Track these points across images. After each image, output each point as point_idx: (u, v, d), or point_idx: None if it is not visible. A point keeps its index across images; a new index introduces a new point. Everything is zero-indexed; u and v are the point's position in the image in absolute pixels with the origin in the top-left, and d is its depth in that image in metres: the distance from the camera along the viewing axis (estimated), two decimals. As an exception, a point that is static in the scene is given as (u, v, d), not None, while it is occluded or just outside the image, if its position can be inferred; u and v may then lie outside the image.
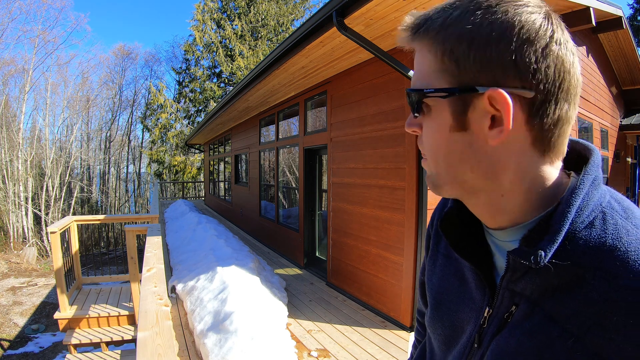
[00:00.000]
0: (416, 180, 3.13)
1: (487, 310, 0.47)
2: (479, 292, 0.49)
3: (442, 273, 0.58)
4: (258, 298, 3.49)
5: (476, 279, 0.49)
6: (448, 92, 0.41)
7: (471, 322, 0.49)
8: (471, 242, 0.51)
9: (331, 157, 4.43)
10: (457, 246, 0.51)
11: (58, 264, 4.04)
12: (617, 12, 4.47)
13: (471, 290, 0.51)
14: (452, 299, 0.54)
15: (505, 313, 0.44)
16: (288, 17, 18.41)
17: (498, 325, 0.45)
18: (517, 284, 0.43)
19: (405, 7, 2.48)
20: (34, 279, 12.87)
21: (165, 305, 1.74)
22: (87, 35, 46.57)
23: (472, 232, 0.52)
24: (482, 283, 0.48)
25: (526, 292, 0.42)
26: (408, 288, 3.23)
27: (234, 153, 9.64)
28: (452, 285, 0.55)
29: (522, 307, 0.42)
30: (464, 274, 0.53)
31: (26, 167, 18.72)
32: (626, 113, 8.07)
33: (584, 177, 0.41)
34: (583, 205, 0.40)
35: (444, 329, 0.55)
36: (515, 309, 0.43)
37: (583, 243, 0.38)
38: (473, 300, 0.50)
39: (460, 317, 0.52)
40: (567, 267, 0.38)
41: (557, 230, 0.38)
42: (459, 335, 0.51)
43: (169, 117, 18.61)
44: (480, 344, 0.47)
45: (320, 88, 4.69)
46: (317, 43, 3.21)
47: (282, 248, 6.27)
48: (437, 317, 0.56)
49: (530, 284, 0.41)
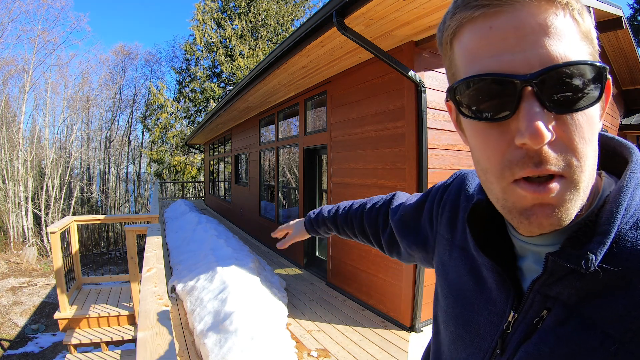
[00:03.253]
0: (416, 180, 3.13)
1: (512, 315, 0.43)
2: (501, 295, 0.45)
3: (457, 267, 0.54)
4: (258, 298, 3.49)
5: (498, 279, 0.45)
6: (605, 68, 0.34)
7: (491, 326, 0.45)
8: (495, 240, 0.47)
9: (331, 157, 4.43)
10: (481, 243, 0.47)
11: (58, 264, 4.04)
12: (617, 12, 4.47)
13: (490, 291, 0.46)
14: (468, 297, 0.50)
15: (535, 318, 0.40)
16: (288, 17, 18.40)
17: (526, 331, 0.41)
18: (553, 288, 0.39)
19: (405, 7, 2.48)
20: (34, 279, 12.87)
21: (165, 305, 1.73)
22: (87, 35, 46.65)
23: (496, 230, 0.48)
24: (507, 285, 0.44)
25: (562, 296, 0.38)
26: (408, 288, 3.23)
27: (234, 153, 9.65)
28: (467, 282, 0.51)
29: (556, 311, 0.38)
30: (481, 272, 0.48)
31: (26, 167, 18.72)
32: (626, 113, 8.07)
33: (631, 176, 0.38)
34: (628, 206, 0.36)
35: (457, 327, 0.51)
36: (547, 314, 0.39)
37: (630, 245, 0.35)
38: (493, 302, 0.46)
39: (477, 318, 0.47)
40: (614, 271, 0.35)
41: (607, 232, 0.35)
42: (473, 338, 0.48)
43: (169, 117, 18.61)
44: (503, 351, 0.43)
45: (320, 88, 4.69)
46: (317, 43, 3.21)
47: (282, 248, 6.26)
48: (453, 313, 0.52)
49: (568, 288, 0.38)
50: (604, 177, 0.41)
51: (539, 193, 0.34)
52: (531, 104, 0.33)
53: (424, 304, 3.23)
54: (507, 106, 0.34)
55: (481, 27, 0.35)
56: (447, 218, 0.59)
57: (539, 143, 0.32)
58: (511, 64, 0.34)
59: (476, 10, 0.35)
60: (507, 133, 0.35)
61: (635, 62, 6.56)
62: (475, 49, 0.36)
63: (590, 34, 0.35)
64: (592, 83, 0.33)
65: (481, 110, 0.36)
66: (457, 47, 0.39)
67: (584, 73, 0.33)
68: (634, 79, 7.38)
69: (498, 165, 0.36)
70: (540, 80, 0.33)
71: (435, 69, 3.22)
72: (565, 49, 0.33)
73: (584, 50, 0.34)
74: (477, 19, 0.36)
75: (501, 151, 0.36)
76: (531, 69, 0.33)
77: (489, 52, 0.35)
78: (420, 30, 2.91)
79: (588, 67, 0.33)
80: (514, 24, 0.33)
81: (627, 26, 4.98)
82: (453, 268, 0.54)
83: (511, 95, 0.34)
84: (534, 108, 0.33)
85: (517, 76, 0.33)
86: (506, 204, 0.38)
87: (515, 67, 0.33)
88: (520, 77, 0.33)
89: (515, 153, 0.35)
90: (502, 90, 0.34)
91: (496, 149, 0.36)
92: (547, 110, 0.33)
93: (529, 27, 0.33)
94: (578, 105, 0.33)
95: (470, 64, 0.37)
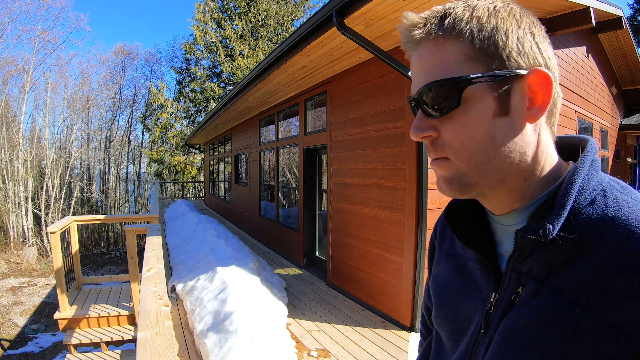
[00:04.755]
0: (416, 180, 3.13)
1: (494, 296, 0.47)
2: (485, 280, 0.50)
3: (445, 272, 0.59)
4: (258, 298, 3.49)
5: (481, 267, 0.50)
6: (496, 76, 0.42)
7: (478, 311, 0.50)
8: (475, 232, 0.53)
9: (331, 157, 4.43)
10: (462, 236, 0.53)
11: (58, 264, 4.04)
12: (617, 12, 4.47)
13: (476, 280, 0.52)
14: (455, 293, 0.55)
15: (512, 295, 0.45)
16: (288, 17, 18.41)
17: (505, 307, 0.45)
18: (524, 264, 0.44)
19: (405, 7, 2.48)
20: (34, 279, 12.87)
21: (165, 305, 1.73)
22: (87, 35, 46.67)
23: (475, 223, 0.54)
24: (488, 271, 0.49)
25: (533, 270, 0.43)
26: (408, 288, 3.23)
27: (234, 153, 9.65)
28: (455, 281, 0.56)
29: (529, 286, 0.43)
30: (468, 267, 0.54)
31: (26, 167, 18.72)
32: (626, 113, 8.07)
33: (584, 158, 0.44)
34: (584, 184, 0.42)
35: (449, 323, 0.56)
36: (522, 289, 0.44)
37: (586, 217, 0.41)
38: (479, 289, 0.51)
39: (465, 309, 0.52)
40: (573, 240, 0.40)
41: (563, 205, 0.41)
42: (466, 327, 0.52)
43: (169, 117, 18.61)
44: (487, 330, 0.47)
45: (320, 88, 4.69)
46: (317, 43, 3.21)
47: (282, 248, 6.27)
48: (442, 313, 0.57)
49: (537, 262, 0.43)
50: (570, 164, 0.48)
51: (434, 166, 0.48)
52: (418, 114, 0.47)
53: (424, 304, 3.23)
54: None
55: (412, 61, 0.48)
56: (439, 238, 0.66)
57: (414, 138, 0.47)
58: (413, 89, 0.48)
59: (406, 49, 0.49)
60: None
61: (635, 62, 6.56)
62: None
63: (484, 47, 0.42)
64: (450, 93, 0.43)
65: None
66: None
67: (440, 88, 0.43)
68: (634, 79, 7.38)
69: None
70: (420, 98, 0.46)
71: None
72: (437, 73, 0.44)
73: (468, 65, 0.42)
74: (411, 55, 0.49)
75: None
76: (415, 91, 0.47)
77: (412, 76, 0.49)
78: (420, 30, 2.90)
79: (440, 83, 0.43)
80: (415, 60, 0.47)
81: (627, 26, 4.98)
82: (442, 275, 0.60)
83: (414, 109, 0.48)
84: (418, 115, 0.47)
85: (410, 97, 0.48)
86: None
87: (413, 91, 0.47)
88: (410, 98, 0.48)
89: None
90: (412, 106, 0.50)
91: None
92: (427, 116, 0.46)
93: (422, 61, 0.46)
94: (442, 111, 0.44)
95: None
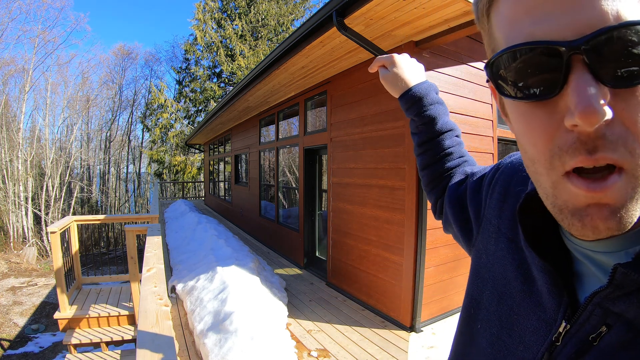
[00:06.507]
0: (416, 180, 3.13)
1: (564, 326, 0.36)
2: (553, 301, 0.38)
3: (503, 260, 0.46)
4: (258, 298, 3.49)
5: (550, 282, 0.38)
6: None
7: (537, 335, 0.39)
8: (548, 237, 0.41)
9: (331, 157, 4.43)
10: (532, 239, 0.41)
11: (58, 264, 4.04)
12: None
13: (540, 294, 0.40)
14: (515, 298, 0.43)
15: (592, 334, 0.34)
16: (288, 17, 18.41)
17: (579, 347, 0.35)
18: (617, 304, 0.32)
19: (405, 7, 2.48)
20: (34, 279, 12.87)
21: (165, 305, 1.74)
22: (87, 35, 46.73)
23: (551, 226, 0.41)
24: (560, 290, 0.38)
25: (628, 314, 0.32)
26: (408, 288, 3.23)
27: (234, 153, 9.65)
28: (514, 280, 0.44)
29: (619, 331, 0.32)
30: (531, 270, 0.42)
31: (26, 167, 18.72)
32: None
33: None
34: None
35: (500, 330, 0.44)
36: (606, 331, 0.33)
37: None
38: (542, 307, 0.39)
39: (522, 323, 0.41)
40: None
41: None
42: (516, 346, 0.42)
43: (169, 117, 18.62)
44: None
45: (320, 88, 4.69)
46: (317, 43, 3.21)
47: (282, 248, 6.27)
48: (497, 313, 0.45)
49: (636, 307, 0.31)
50: None
51: (594, 191, 0.28)
52: (582, 76, 0.27)
53: (424, 304, 3.23)
54: (554, 81, 0.28)
55: None
56: (496, 200, 0.51)
57: (592, 123, 0.26)
58: (556, 29, 0.28)
59: None
60: (556, 113, 0.29)
61: (636, 62, 6.55)
62: (513, 16, 0.31)
63: None
64: None
65: (523, 88, 0.31)
66: (494, 17, 0.34)
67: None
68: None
69: (546, 153, 0.31)
70: (592, 47, 0.26)
71: (435, 69, 3.22)
72: (622, 6, 0.26)
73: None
74: None
75: (549, 136, 0.30)
76: (580, 33, 0.27)
77: (528, 17, 0.29)
78: (420, 30, 2.91)
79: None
80: None
81: (627, 26, 4.98)
82: (499, 260, 0.47)
83: (557, 67, 0.28)
84: (586, 81, 0.27)
85: (562, 43, 0.27)
86: (557, 202, 0.32)
87: (561, 33, 0.28)
88: (567, 44, 0.27)
89: (565, 137, 0.29)
90: (546, 62, 0.28)
91: (543, 133, 0.30)
92: (602, 83, 0.27)
93: None
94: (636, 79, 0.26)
95: (508, 34, 0.32)
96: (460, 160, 0.72)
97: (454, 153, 0.72)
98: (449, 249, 3.41)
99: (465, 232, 0.61)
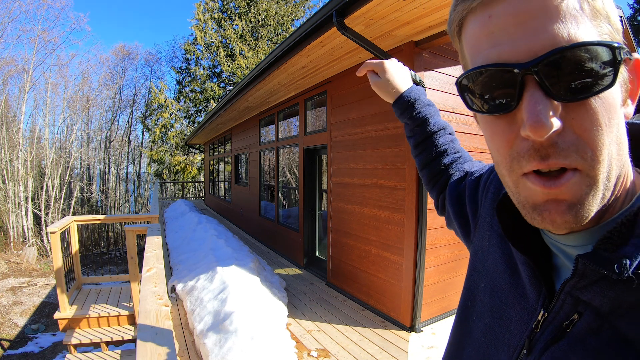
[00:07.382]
0: (416, 180, 3.13)
1: (542, 314, 0.40)
2: (534, 291, 0.42)
3: (495, 255, 0.50)
4: (258, 298, 3.49)
5: (530, 274, 0.42)
6: (624, 50, 0.30)
7: (521, 322, 0.43)
8: (528, 232, 0.44)
9: (331, 157, 4.43)
10: (511, 235, 0.43)
11: (58, 264, 4.03)
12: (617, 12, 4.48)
13: (524, 285, 0.43)
14: (504, 290, 0.47)
15: (565, 321, 0.37)
16: (288, 17, 18.41)
17: (554, 333, 0.38)
18: (584, 292, 0.35)
19: (405, 7, 2.48)
20: (34, 279, 12.87)
21: (165, 305, 1.74)
22: (87, 35, 46.66)
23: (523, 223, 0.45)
24: (539, 281, 0.41)
25: (594, 302, 0.34)
26: (408, 288, 3.23)
27: (234, 153, 9.65)
28: (503, 273, 0.47)
29: (587, 318, 0.35)
30: (516, 264, 0.45)
31: (26, 167, 18.72)
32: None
33: None
34: None
35: (492, 320, 0.47)
36: (577, 319, 0.36)
37: None
38: (526, 297, 0.43)
39: (509, 312, 0.45)
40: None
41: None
42: (504, 333, 0.45)
43: (169, 117, 18.62)
44: (530, 351, 0.40)
45: (320, 88, 4.69)
46: (317, 43, 3.21)
47: (282, 248, 6.27)
48: (490, 304, 0.48)
49: (600, 295, 0.34)
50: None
51: (549, 187, 0.32)
52: (533, 94, 0.31)
53: (424, 304, 3.24)
54: (511, 97, 0.33)
55: (481, 17, 0.34)
56: (490, 200, 0.54)
57: (541, 135, 0.30)
58: (513, 52, 0.31)
59: (474, 0, 0.34)
60: (514, 124, 0.33)
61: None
62: (477, 41, 0.35)
63: (604, 10, 0.32)
64: (603, 65, 0.30)
65: (486, 103, 0.35)
66: (463, 39, 0.38)
67: (593, 55, 0.29)
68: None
69: (507, 157, 0.35)
70: (544, 67, 0.30)
71: (435, 69, 3.22)
72: (570, 30, 0.30)
73: (596, 30, 0.31)
74: (476, 9, 0.34)
75: (509, 143, 0.34)
76: (534, 55, 0.30)
77: (489, 42, 0.33)
78: (420, 30, 2.91)
79: (595, 48, 0.29)
80: (513, 11, 0.31)
81: (627, 26, 4.98)
82: (492, 255, 0.51)
83: (513, 86, 0.32)
84: (536, 98, 0.31)
85: (517, 65, 0.31)
86: (519, 198, 0.36)
87: (517, 56, 0.31)
88: (520, 66, 0.31)
89: (521, 145, 0.33)
90: (504, 81, 0.32)
91: (504, 141, 0.35)
92: (553, 98, 0.30)
93: (530, 11, 0.30)
94: (588, 92, 0.30)
95: (474, 56, 0.35)
96: (456, 156, 0.75)
97: (448, 150, 0.75)
98: (449, 249, 3.41)
99: (464, 228, 0.64)
